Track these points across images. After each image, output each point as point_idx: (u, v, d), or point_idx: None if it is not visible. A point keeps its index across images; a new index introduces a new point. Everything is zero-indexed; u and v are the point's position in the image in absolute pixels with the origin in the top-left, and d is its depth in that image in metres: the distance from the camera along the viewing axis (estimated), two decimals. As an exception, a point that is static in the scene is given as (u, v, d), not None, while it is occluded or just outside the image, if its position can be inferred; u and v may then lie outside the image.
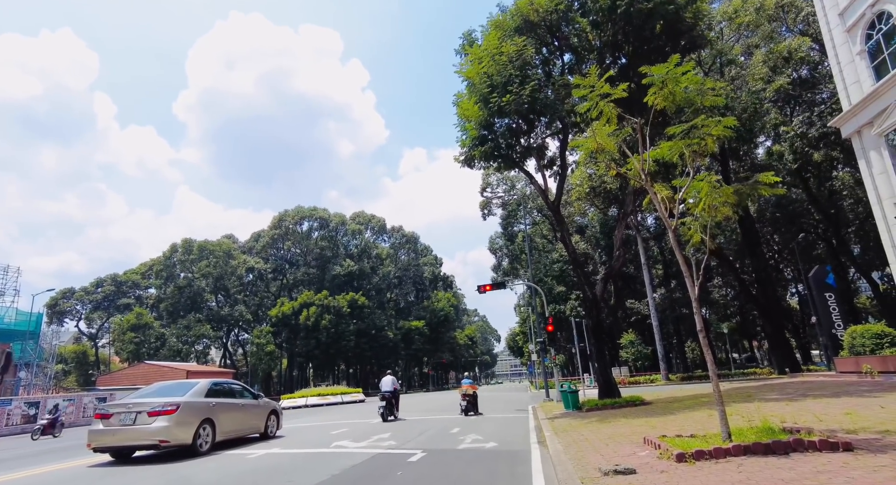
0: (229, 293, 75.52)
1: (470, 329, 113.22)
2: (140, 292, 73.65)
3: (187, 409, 9.44)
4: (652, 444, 6.62)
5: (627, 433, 8.42)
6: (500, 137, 16.08)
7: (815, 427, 6.65)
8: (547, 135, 17.47)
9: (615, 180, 24.98)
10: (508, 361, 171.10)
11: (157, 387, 10.78)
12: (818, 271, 21.06)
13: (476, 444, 9.24)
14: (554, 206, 16.28)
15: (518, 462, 7.30)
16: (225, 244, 75.24)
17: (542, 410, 16.46)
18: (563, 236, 16.02)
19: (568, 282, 55.94)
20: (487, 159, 16.67)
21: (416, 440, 10.14)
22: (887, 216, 17.17)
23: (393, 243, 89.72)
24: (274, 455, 8.97)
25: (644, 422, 9.73)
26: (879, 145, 17.13)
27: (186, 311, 70.43)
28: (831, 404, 9.45)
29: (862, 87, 17.74)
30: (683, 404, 12.87)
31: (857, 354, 15.42)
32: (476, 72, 15.12)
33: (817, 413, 8.26)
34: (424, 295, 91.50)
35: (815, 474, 4.28)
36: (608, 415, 11.97)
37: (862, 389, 11.76)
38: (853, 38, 18.13)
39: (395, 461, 7.65)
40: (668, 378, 36.88)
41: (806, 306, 49.98)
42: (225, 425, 10.42)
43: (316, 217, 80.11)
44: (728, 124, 7.11)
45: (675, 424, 9.01)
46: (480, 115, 15.58)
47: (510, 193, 60.42)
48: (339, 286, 76.38)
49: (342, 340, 67.33)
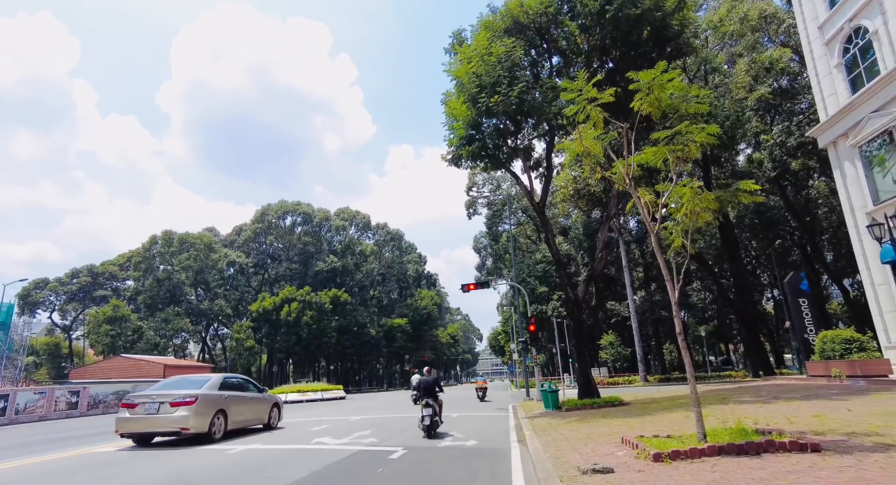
0: (209, 287, 74.44)
1: (452, 327, 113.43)
2: (117, 284, 72.15)
3: (204, 400, 10.40)
4: (630, 444, 6.75)
5: (606, 433, 8.57)
6: (487, 137, 16.15)
7: (786, 429, 6.86)
8: (534, 136, 17.61)
9: (599, 183, 25.26)
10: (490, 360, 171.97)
11: (175, 380, 11.78)
12: (793, 277, 21.63)
13: (457, 442, 9.30)
14: (539, 207, 16.43)
15: (498, 460, 7.37)
16: (206, 237, 74.09)
17: (522, 409, 16.61)
18: (547, 237, 16.18)
19: (551, 282, 56.44)
20: (474, 159, 16.74)
21: (397, 438, 10.16)
22: (859, 225, 17.71)
23: (377, 240, 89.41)
24: (253, 451, 8.91)
25: (622, 422, 9.90)
26: (853, 156, 17.65)
27: (165, 304, 69.26)
28: (802, 406, 9.74)
29: (838, 100, 18.26)
30: (661, 405, 13.12)
31: (828, 358, 15.89)
32: (465, 71, 15.17)
33: (788, 415, 8.51)
34: (408, 293, 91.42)
35: (785, 474, 4.43)
36: (587, 415, 12.14)
37: (831, 392, 12.13)
38: (831, 51, 18.64)
39: (377, 458, 7.67)
40: (647, 380, 37.49)
41: (781, 311, 51.26)
42: (235, 415, 11.40)
43: (300, 212, 79.42)
44: (711, 131, 7.27)
45: (652, 424, 9.19)
46: (468, 114, 15.64)
47: (496, 193, 60.71)
48: (322, 282, 75.86)
49: (323, 337, 66.92)
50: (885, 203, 15.99)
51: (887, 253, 15.29)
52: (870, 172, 16.92)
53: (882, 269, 16.41)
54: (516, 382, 53.18)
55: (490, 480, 6.00)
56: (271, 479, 6.33)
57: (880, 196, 16.51)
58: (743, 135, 24.35)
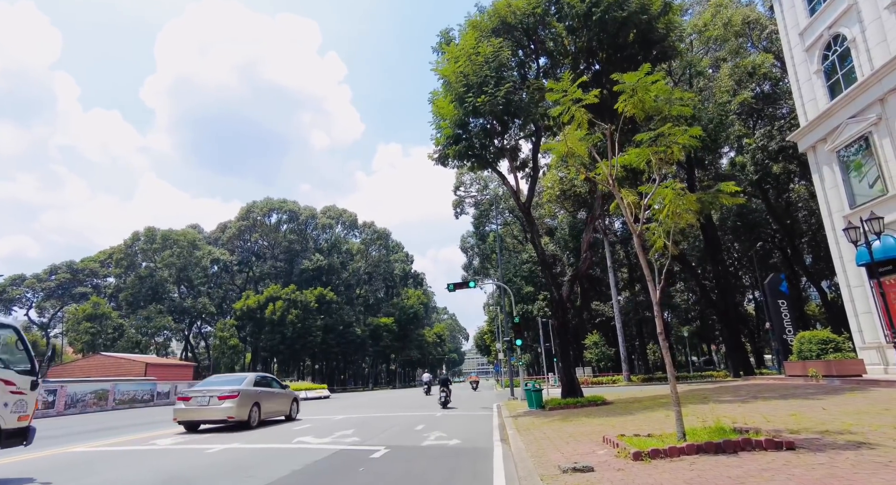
0: (193, 285, 73.45)
1: (439, 327, 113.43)
2: (98, 281, 70.87)
3: (244, 395, 12.61)
4: (611, 443, 6.81)
5: (588, 432, 8.63)
6: (474, 136, 16.18)
7: (763, 427, 6.98)
8: (520, 137, 17.68)
9: (585, 184, 25.45)
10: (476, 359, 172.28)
11: (217, 378, 14.07)
12: (773, 279, 22.03)
13: (439, 441, 9.30)
14: (525, 207, 16.50)
15: (480, 459, 7.39)
16: (189, 234, 73.11)
17: (506, 408, 16.68)
18: (533, 238, 16.25)
19: (536, 282, 56.72)
20: (461, 159, 16.74)
21: (380, 437, 10.13)
22: (836, 228, 18.10)
23: (364, 239, 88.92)
24: (233, 451, 8.81)
25: (604, 421, 9.99)
26: (831, 161, 18.03)
27: (147, 301, 68.16)
28: (779, 405, 9.92)
29: (818, 105, 18.63)
30: (643, 404, 13.27)
31: (805, 358, 16.23)
32: (452, 71, 15.17)
33: (765, 414, 8.66)
34: (394, 292, 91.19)
35: (760, 472, 4.50)
36: (570, 414, 12.23)
37: (808, 391, 12.37)
38: (811, 57, 19.01)
39: (358, 458, 7.63)
40: (630, 379, 37.88)
41: (761, 312, 52.20)
42: (266, 407, 13.58)
43: (285, 209, 78.73)
44: (694, 134, 7.36)
45: (633, 423, 9.28)
46: (455, 114, 15.64)
47: (483, 193, 60.85)
48: (308, 281, 75.32)
49: (308, 336, 66.46)
50: (861, 207, 16.35)
51: (862, 256, 15.64)
52: (847, 176, 17.30)
53: (857, 271, 16.79)
54: (501, 381, 53.36)
55: (471, 479, 6.01)
56: (251, 478, 6.25)
57: (857, 200, 16.88)
58: (726, 138, 24.75)
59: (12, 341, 7.43)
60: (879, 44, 15.57)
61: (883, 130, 15.44)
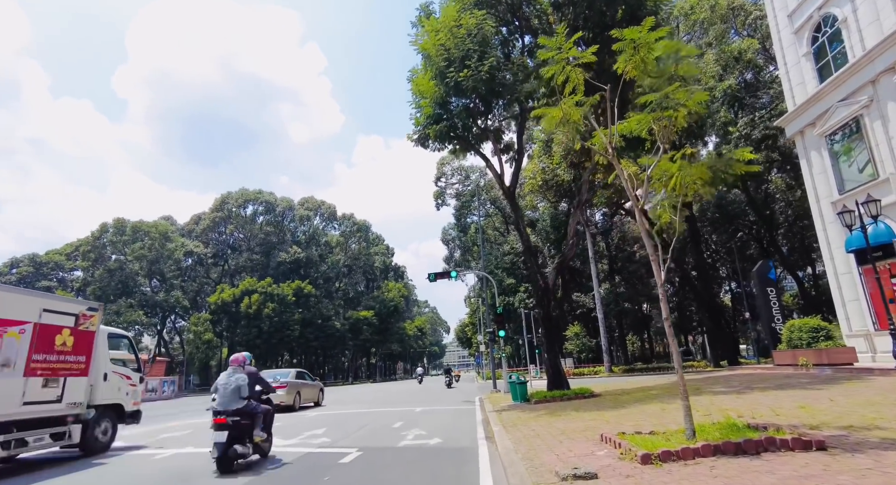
0: (165, 278, 71.05)
1: (420, 320, 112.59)
2: (64, 275, 67.93)
3: (290, 385, 16.53)
4: (611, 442, 6.06)
5: (581, 428, 7.90)
6: (455, 116, 15.26)
7: (777, 422, 6.32)
8: (505, 117, 16.84)
9: (569, 172, 24.84)
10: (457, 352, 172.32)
11: (267, 373, 17.49)
12: (761, 266, 21.69)
13: (418, 440, 8.47)
14: (509, 191, 15.69)
15: (464, 461, 6.58)
16: (161, 225, 70.58)
17: (489, 401, 15.95)
18: (518, 223, 15.45)
19: (518, 275, 56.26)
20: (442, 140, 15.82)
21: (353, 437, 9.25)
22: (824, 214, 17.78)
23: (343, 231, 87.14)
24: (185, 456, 7.85)
25: (597, 416, 9.29)
26: (820, 146, 17.65)
27: (116, 296, 65.61)
28: (780, 396, 9.36)
29: (806, 89, 18.22)
30: (633, 396, 12.66)
31: (795, 347, 15.88)
32: (433, 44, 14.20)
33: (771, 407, 8.05)
34: (375, 285, 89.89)
35: (800, 480, 3.77)
36: (558, 408, 11.52)
37: (802, 381, 11.92)
38: (800, 39, 18.57)
39: (325, 463, 6.75)
40: (612, 370, 37.67)
41: (738, 303, 52.70)
42: (304, 395, 17.44)
43: (261, 201, 76.62)
44: (700, 99, 6.62)
45: (629, 418, 8.60)
46: (436, 91, 14.71)
47: (465, 184, 60.04)
48: (285, 274, 73.60)
49: (286, 330, 64.92)
50: (850, 192, 16.00)
51: (852, 242, 15.31)
52: (836, 161, 16.94)
53: (846, 258, 16.48)
54: (483, 373, 52.91)
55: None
56: (195, 492, 5.34)
57: (846, 185, 16.54)
58: (712, 125, 24.35)
59: (126, 347, 10.44)
60: (872, 23, 15.14)
61: (874, 112, 15.05)
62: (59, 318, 8.20)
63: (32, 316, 7.71)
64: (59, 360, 8.12)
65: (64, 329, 8.26)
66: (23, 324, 7.53)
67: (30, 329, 7.63)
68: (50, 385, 7.88)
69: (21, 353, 7.44)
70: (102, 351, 9.29)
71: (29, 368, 7.54)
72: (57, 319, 8.15)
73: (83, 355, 8.59)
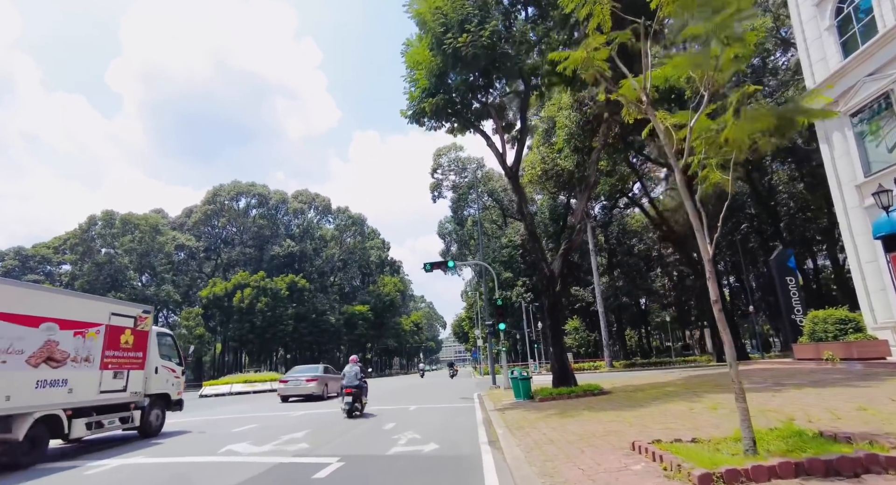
0: (156, 272, 69.60)
1: (416, 315, 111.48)
2: (51, 269, 66.33)
3: (320, 379, 19.66)
4: (647, 452, 4.92)
5: (601, 433, 6.76)
6: (454, 90, 14.06)
7: (849, 430, 5.19)
8: (506, 94, 15.62)
9: (571, 157, 23.64)
10: (453, 347, 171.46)
11: (300, 368, 21.67)
12: (780, 254, 20.40)
13: (412, 446, 7.31)
14: (512, 172, 14.51)
15: (466, 474, 5.44)
16: (152, 218, 69.03)
17: (489, 399, 14.84)
18: (521, 206, 14.30)
19: (515, 268, 55.16)
20: (439, 117, 14.61)
21: (336, 442, 8.07)
22: (846, 200, 16.68)
23: (338, 225, 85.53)
24: (131, 468, 6.68)
25: (615, 417, 8.16)
26: (843, 126, 16.51)
27: (106, 290, 64.08)
28: (824, 395, 8.25)
29: (828, 65, 17.06)
30: (648, 394, 11.55)
31: (818, 340, 14.79)
32: (429, 9, 12.97)
33: (826, 408, 6.91)
34: (370, 279, 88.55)
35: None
36: (567, 407, 10.40)
37: (836, 377, 10.83)
38: (822, 12, 17.39)
39: (296, 477, 5.58)
40: (612, 365, 36.70)
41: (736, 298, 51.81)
42: (330, 387, 20.11)
43: (254, 193, 75.10)
44: (752, 40, 5.45)
45: (654, 420, 7.47)
46: (433, 62, 13.50)
47: (461, 176, 58.76)
48: (279, 268, 72.26)
49: (279, 325, 63.65)
50: (877, 174, 14.89)
51: (881, 227, 14.20)
52: (861, 141, 15.81)
53: (871, 245, 15.38)
54: (480, 369, 51.90)
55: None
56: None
57: (872, 167, 15.41)
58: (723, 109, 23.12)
59: (171, 344, 11.65)
60: (905, -10, 13.97)
61: (907, 86, 13.91)
62: (123, 320, 9.65)
63: (104, 319, 9.10)
64: (124, 355, 9.59)
65: (126, 329, 9.70)
66: (98, 326, 8.90)
67: (103, 330, 9.02)
68: (118, 377, 9.35)
69: (97, 350, 8.82)
70: (154, 348, 10.70)
71: (103, 362, 8.96)
72: (121, 321, 9.57)
73: (140, 352, 10.10)
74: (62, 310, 8.18)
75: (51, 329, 7.84)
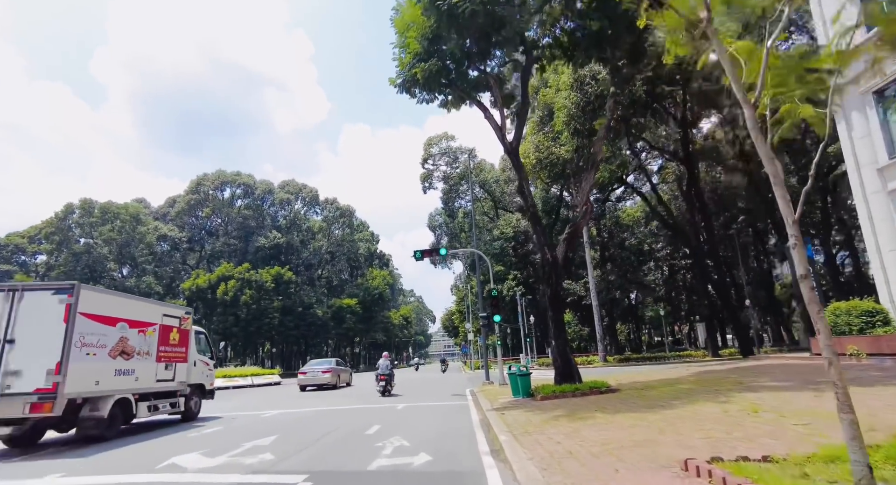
0: (136, 263, 67.51)
1: (405, 309, 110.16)
2: (25, 258, 63.91)
3: (333, 370, 22.55)
4: (710, 476, 3.69)
5: (628, 442, 5.54)
6: (448, 56, 12.71)
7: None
8: (506, 63, 14.30)
9: (571, 141, 22.37)
10: (442, 341, 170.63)
11: (316, 361, 25.09)
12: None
13: (399, 458, 6.03)
14: (512, 148, 13.22)
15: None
16: (132, 207, 66.83)
17: (483, 396, 13.62)
18: (521, 185, 13.02)
19: (507, 262, 54.10)
20: (431, 87, 13.27)
21: (309, 452, 6.76)
22: (865, 184, 15.65)
23: (326, 216, 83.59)
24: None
25: (637, 420, 6.95)
26: (864, 104, 15.43)
27: (83, 280, 61.56)
28: (881, 395, 7.11)
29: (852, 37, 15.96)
30: (661, 391, 10.39)
31: (841, 333, 13.76)
32: (422, -39, 11.57)
33: None
34: (359, 273, 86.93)
35: None
36: (575, 407, 9.19)
37: (874, 374, 9.77)
38: (842, -15, 16.24)
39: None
40: (606, 360, 35.81)
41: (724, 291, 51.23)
42: (341, 378, 23.36)
43: (239, 183, 73.03)
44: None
45: (686, 425, 6.27)
46: (426, 23, 12.14)
47: (453, 166, 57.38)
48: (264, 259, 70.44)
49: (264, 318, 61.98)
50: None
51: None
52: (886, 121, 14.75)
53: (892, 233, 14.39)
54: (470, 363, 50.87)
55: None
56: None
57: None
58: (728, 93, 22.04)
59: (204, 340, 13.25)
60: (939, -45, 12.85)
61: (939, 60, 12.82)
62: (171, 320, 11.14)
63: (158, 319, 10.64)
64: (172, 350, 11.10)
65: (174, 328, 11.22)
66: (154, 325, 10.45)
67: (157, 329, 10.53)
68: (168, 368, 10.84)
69: (154, 345, 10.36)
70: (192, 344, 12.13)
71: (158, 356, 10.49)
72: (170, 321, 11.08)
73: (184, 347, 11.60)
74: (130, 311, 9.80)
75: (123, 328, 9.51)
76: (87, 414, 8.56)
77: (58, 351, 8.00)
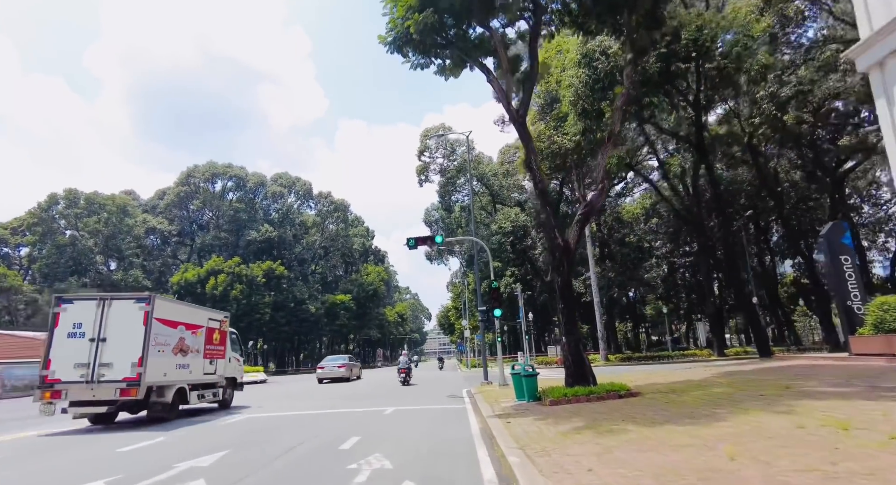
0: (123, 256, 65.52)
1: (401, 306, 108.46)
2: (7, 250, 61.88)
3: (348, 365, 27.51)
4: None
5: (689, 472, 3.96)
6: (446, 11, 11.08)
7: None
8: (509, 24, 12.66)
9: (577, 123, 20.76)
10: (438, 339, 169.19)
11: (332, 357, 30.73)
12: (834, 228, 16.99)
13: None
14: (519, 116, 11.60)
15: None
16: (119, 199, 64.87)
17: (483, 398, 12.03)
18: (528, 159, 11.40)
19: (504, 258, 52.53)
20: (426, 47, 11.64)
21: (260, 475, 5.15)
22: (906, 167, 14.12)
23: (320, 211, 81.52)
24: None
25: (688, 436, 5.37)
26: (907, 79, 13.91)
27: (68, 273, 60.09)
28: None
29: (891, 7, 14.43)
30: (693, 397, 8.83)
31: (888, 331, 12.24)
32: None
33: None
34: (353, 268, 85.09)
35: None
36: (595, 415, 7.62)
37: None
38: (882, -53, 14.69)
39: None
40: (607, 359, 34.34)
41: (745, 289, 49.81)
42: (353, 372, 27.73)
43: (231, 175, 71.09)
44: None
45: (762, 446, 4.70)
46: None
47: (450, 158, 55.74)
48: (256, 254, 68.63)
49: (255, 313, 60.18)
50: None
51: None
52: (934, 94, 13.21)
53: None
54: (467, 361, 49.35)
55: None
56: None
57: (946, 126, 12.84)
58: (748, 70, 20.49)
59: (236, 339, 15.22)
60: None
61: None
62: (214, 323, 13.19)
63: (205, 322, 12.73)
64: (215, 348, 13.16)
65: (216, 330, 13.25)
66: (202, 327, 12.53)
67: (204, 330, 12.60)
68: (212, 364, 12.89)
69: (202, 344, 12.45)
70: (228, 343, 14.05)
71: (205, 353, 12.56)
72: (213, 324, 13.13)
73: (222, 346, 13.66)
74: (186, 316, 11.81)
75: (182, 330, 11.43)
76: (156, 399, 10.50)
77: (139, 348, 9.98)
